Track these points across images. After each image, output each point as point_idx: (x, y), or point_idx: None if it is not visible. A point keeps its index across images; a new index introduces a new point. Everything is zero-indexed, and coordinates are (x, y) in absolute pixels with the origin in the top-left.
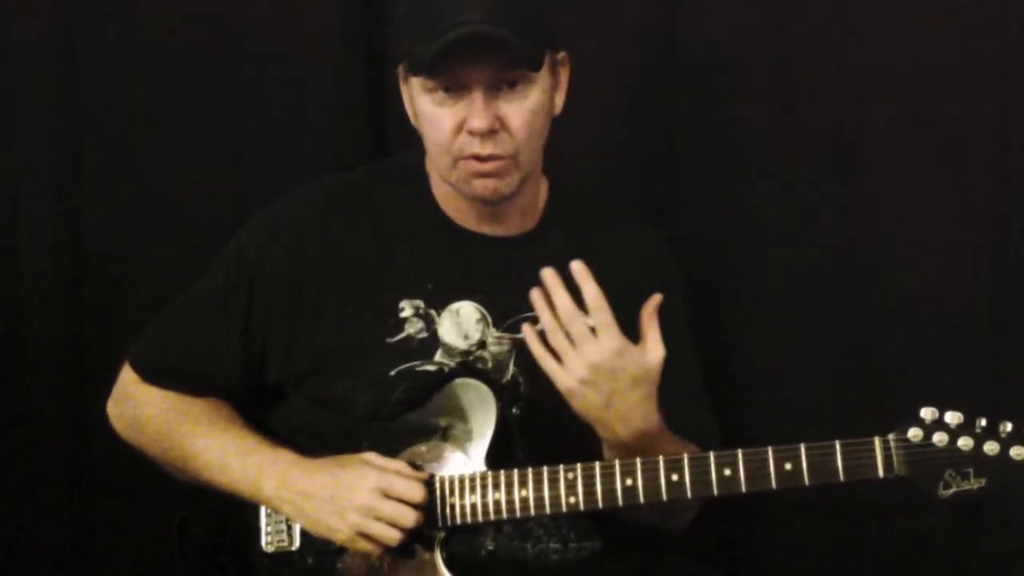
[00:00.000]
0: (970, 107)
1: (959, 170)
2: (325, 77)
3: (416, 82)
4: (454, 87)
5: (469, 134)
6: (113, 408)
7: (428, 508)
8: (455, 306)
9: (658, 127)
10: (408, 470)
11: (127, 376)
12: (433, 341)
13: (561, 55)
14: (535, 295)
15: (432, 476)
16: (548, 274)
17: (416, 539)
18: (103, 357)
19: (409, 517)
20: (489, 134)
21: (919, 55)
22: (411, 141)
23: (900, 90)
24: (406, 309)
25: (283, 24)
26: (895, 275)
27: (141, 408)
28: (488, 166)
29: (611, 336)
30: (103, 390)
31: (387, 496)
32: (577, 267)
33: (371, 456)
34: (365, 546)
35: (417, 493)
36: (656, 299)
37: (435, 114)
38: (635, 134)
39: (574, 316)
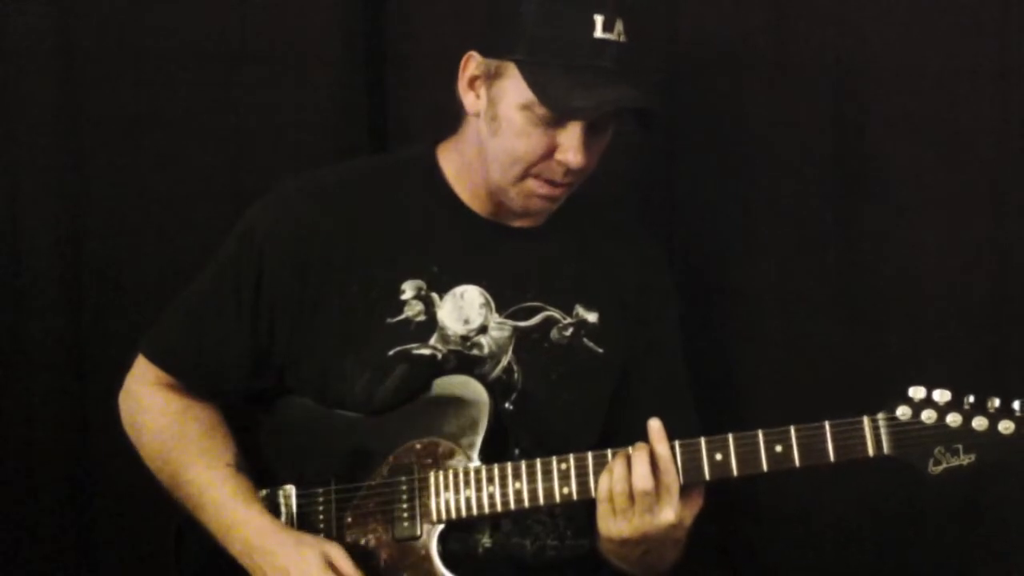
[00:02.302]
0: (970, 107)
1: (959, 170)
2: (325, 77)
3: (513, 89)
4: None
5: (558, 162)
6: (123, 401)
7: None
8: (459, 289)
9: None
10: None
11: (137, 371)
12: (430, 324)
13: None
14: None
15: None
16: (655, 426)
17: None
18: (103, 357)
19: None
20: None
21: (919, 55)
22: (411, 141)
23: (900, 90)
24: (408, 290)
25: (283, 24)
26: (895, 274)
27: (142, 415)
28: (557, 191)
29: (670, 508)
30: (103, 390)
31: None
32: (655, 425)
33: (333, 552)
34: None
35: None
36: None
37: (527, 131)
38: (635, 134)
39: (648, 491)
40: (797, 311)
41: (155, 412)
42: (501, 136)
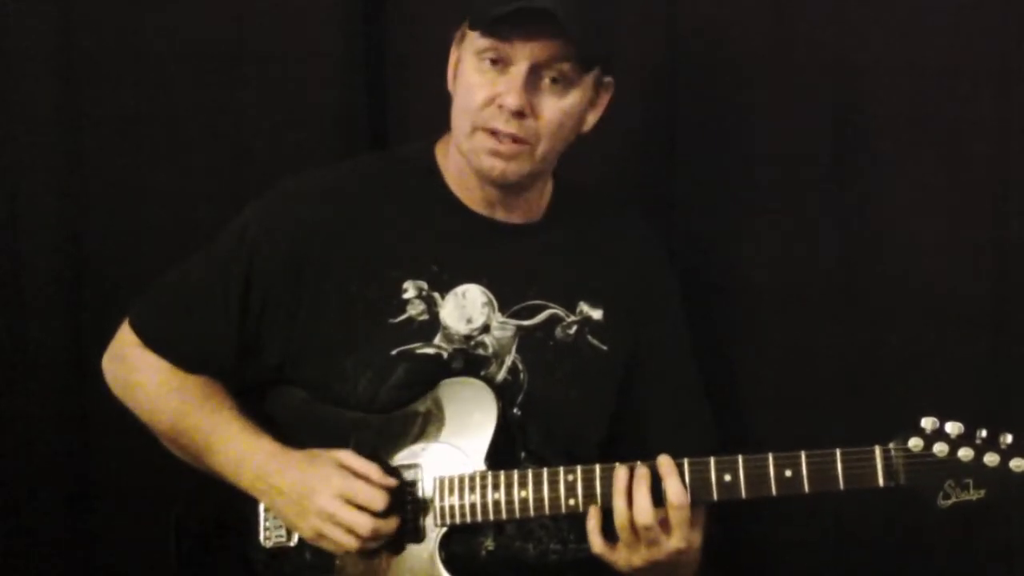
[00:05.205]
0: (970, 107)
1: (959, 170)
2: (325, 77)
3: (468, 45)
4: (501, 62)
5: (499, 108)
6: (108, 364)
7: (404, 510)
8: (461, 288)
9: (658, 127)
10: (378, 475)
11: (125, 336)
12: (433, 324)
13: (608, 79)
14: (620, 477)
15: (412, 481)
16: (664, 461)
17: (390, 544)
18: (103, 357)
19: (365, 526)
20: (517, 115)
21: (919, 55)
22: (411, 141)
23: (900, 90)
24: (409, 290)
25: (283, 24)
26: (895, 275)
27: (134, 373)
28: (503, 147)
29: (681, 537)
30: (103, 390)
31: (348, 502)
32: (664, 460)
33: (345, 456)
34: (327, 546)
35: (378, 502)
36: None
37: (474, 81)
38: (635, 134)
39: (651, 524)
40: (797, 311)
41: (148, 370)
42: (458, 95)
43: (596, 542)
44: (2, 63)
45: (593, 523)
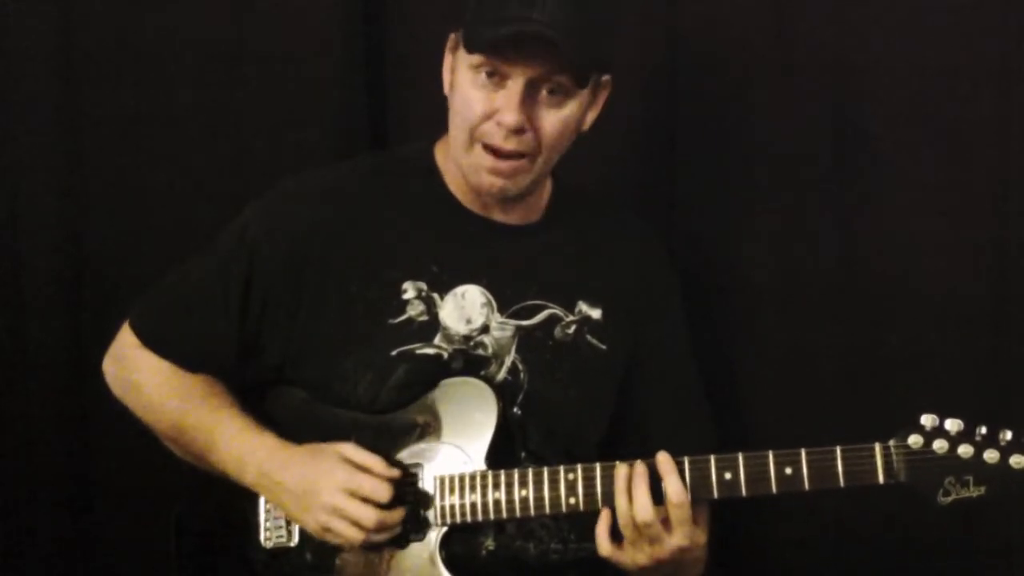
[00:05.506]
0: (970, 107)
1: (959, 170)
2: (325, 77)
3: (462, 56)
4: (498, 75)
5: (497, 125)
6: (109, 366)
7: (407, 503)
8: (460, 289)
9: (658, 127)
10: (381, 467)
11: (126, 338)
12: (433, 324)
13: (605, 78)
14: (620, 475)
15: (414, 474)
16: (663, 459)
17: (395, 539)
18: (103, 357)
19: (371, 519)
20: (516, 131)
21: (919, 55)
22: (411, 141)
23: (900, 90)
24: (409, 291)
25: (283, 24)
26: (895, 275)
27: (135, 374)
28: (504, 165)
29: (683, 535)
30: (103, 390)
31: (353, 495)
32: (663, 458)
33: (348, 449)
34: (332, 539)
35: (383, 494)
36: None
37: (471, 95)
38: (635, 134)
39: (651, 521)
40: (797, 311)
41: (149, 370)
42: (456, 106)
43: (604, 544)
44: (2, 63)
45: (603, 527)
